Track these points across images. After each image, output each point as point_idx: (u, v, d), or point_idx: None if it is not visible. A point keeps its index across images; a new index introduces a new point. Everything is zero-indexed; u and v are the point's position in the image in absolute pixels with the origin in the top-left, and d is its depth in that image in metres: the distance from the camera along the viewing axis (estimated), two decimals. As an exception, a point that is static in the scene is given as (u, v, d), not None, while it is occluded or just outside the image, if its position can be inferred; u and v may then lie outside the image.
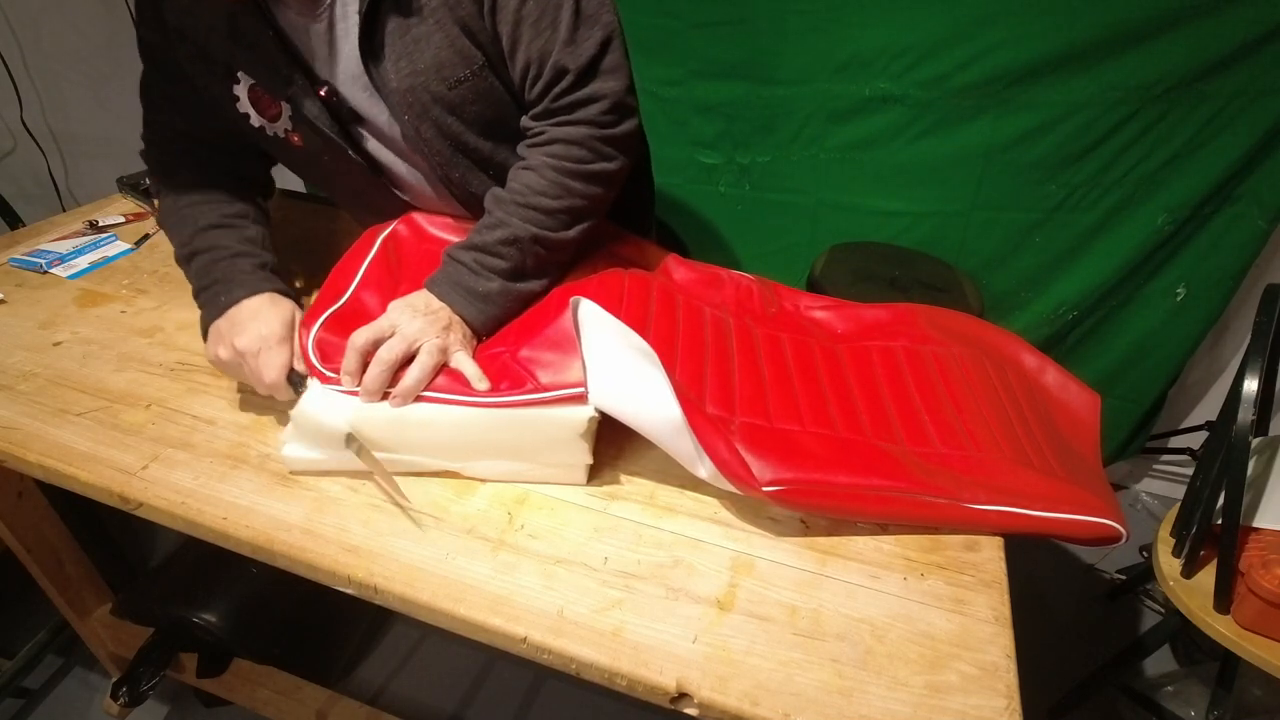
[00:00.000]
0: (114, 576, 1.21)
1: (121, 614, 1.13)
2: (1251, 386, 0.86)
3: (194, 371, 0.80)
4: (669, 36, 1.37)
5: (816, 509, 0.64)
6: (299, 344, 0.71)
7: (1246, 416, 0.85)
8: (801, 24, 1.28)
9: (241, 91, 0.76)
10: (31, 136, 2.03)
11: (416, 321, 0.68)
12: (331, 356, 0.68)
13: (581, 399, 0.63)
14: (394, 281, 0.80)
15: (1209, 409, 1.55)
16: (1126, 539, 0.66)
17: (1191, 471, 1.21)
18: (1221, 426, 0.94)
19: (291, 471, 0.68)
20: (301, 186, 1.49)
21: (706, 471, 0.63)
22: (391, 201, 0.86)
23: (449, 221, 0.87)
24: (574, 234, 0.77)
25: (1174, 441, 1.59)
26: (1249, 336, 0.89)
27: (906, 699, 0.52)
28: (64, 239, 1.04)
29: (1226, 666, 1.04)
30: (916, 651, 0.55)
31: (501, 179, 0.78)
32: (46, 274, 0.96)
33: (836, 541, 0.64)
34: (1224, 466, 0.88)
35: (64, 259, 0.99)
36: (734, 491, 0.64)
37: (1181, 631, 1.28)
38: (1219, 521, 0.92)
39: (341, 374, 0.66)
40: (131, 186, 1.17)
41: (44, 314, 0.88)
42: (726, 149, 1.47)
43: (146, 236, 1.07)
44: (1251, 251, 1.29)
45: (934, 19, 1.22)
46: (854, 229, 1.45)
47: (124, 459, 0.68)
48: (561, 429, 0.64)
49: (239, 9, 0.69)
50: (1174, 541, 1.02)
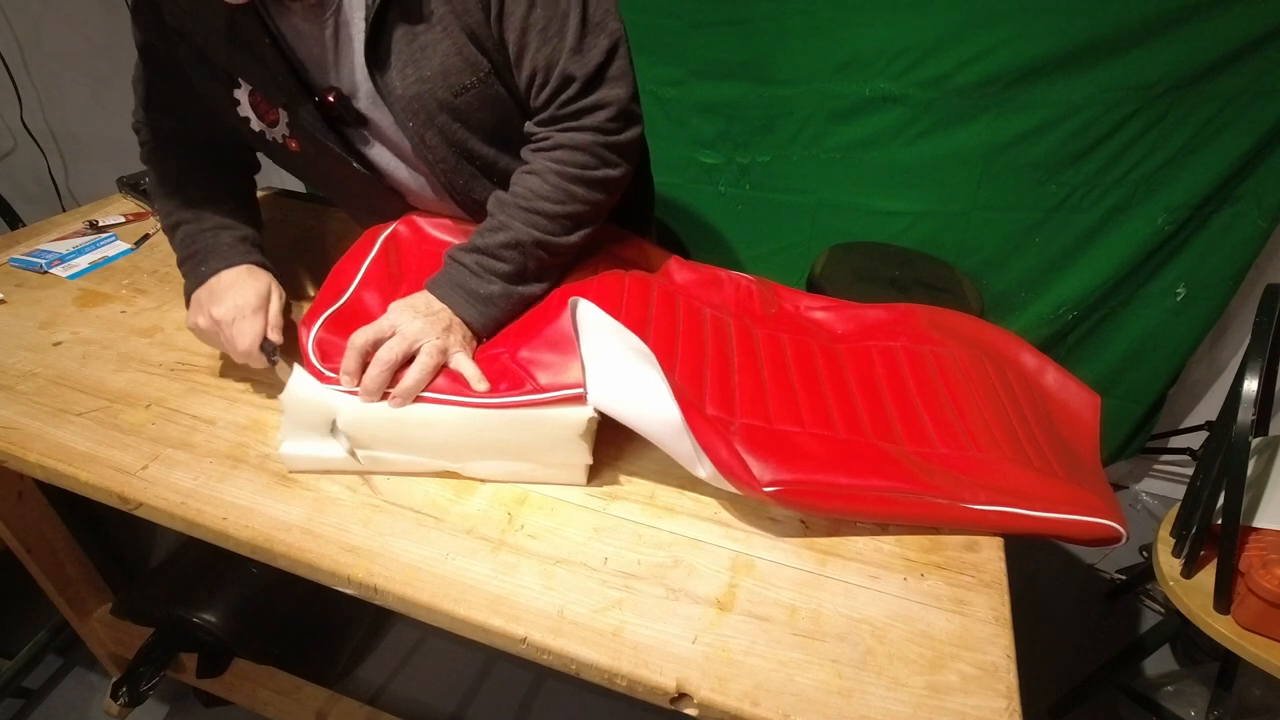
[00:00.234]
0: (114, 576, 1.21)
1: (121, 614, 1.13)
2: (1251, 386, 0.86)
3: (194, 371, 0.80)
4: (669, 36, 1.37)
5: (816, 509, 0.64)
6: (299, 344, 0.71)
7: (1246, 416, 0.85)
8: (801, 24, 1.29)
9: (242, 96, 0.76)
10: (31, 136, 2.03)
11: (417, 322, 0.68)
12: (331, 356, 0.68)
13: (581, 400, 0.63)
14: (394, 282, 0.80)
15: (1209, 409, 1.55)
16: (1126, 539, 0.66)
17: (1191, 471, 1.21)
18: (1221, 426, 0.94)
19: (291, 471, 0.68)
20: (302, 186, 1.49)
21: (706, 472, 0.63)
22: (392, 204, 0.86)
23: (449, 223, 0.87)
24: (576, 239, 0.77)
25: (1174, 441, 1.59)
26: (1249, 336, 0.89)
27: (906, 699, 0.52)
28: (64, 239, 1.04)
29: (1226, 666, 1.04)
30: (916, 652, 0.55)
31: (505, 186, 0.78)
32: (46, 274, 0.96)
33: (836, 542, 0.64)
34: (1224, 466, 0.88)
35: (64, 259, 0.99)
36: (734, 492, 0.64)
37: (1181, 631, 1.28)
38: (1219, 521, 0.92)
39: (341, 374, 0.66)
40: (131, 186, 1.17)
41: (44, 314, 0.88)
42: (726, 149, 1.47)
43: (146, 236, 1.07)
44: (1251, 251, 1.29)
45: (934, 19, 1.22)
46: (854, 229, 1.45)
47: (124, 459, 0.68)
48: (561, 429, 0.64)
49: (238, 13, 0.69)
50: (1174, 541, 1.02)
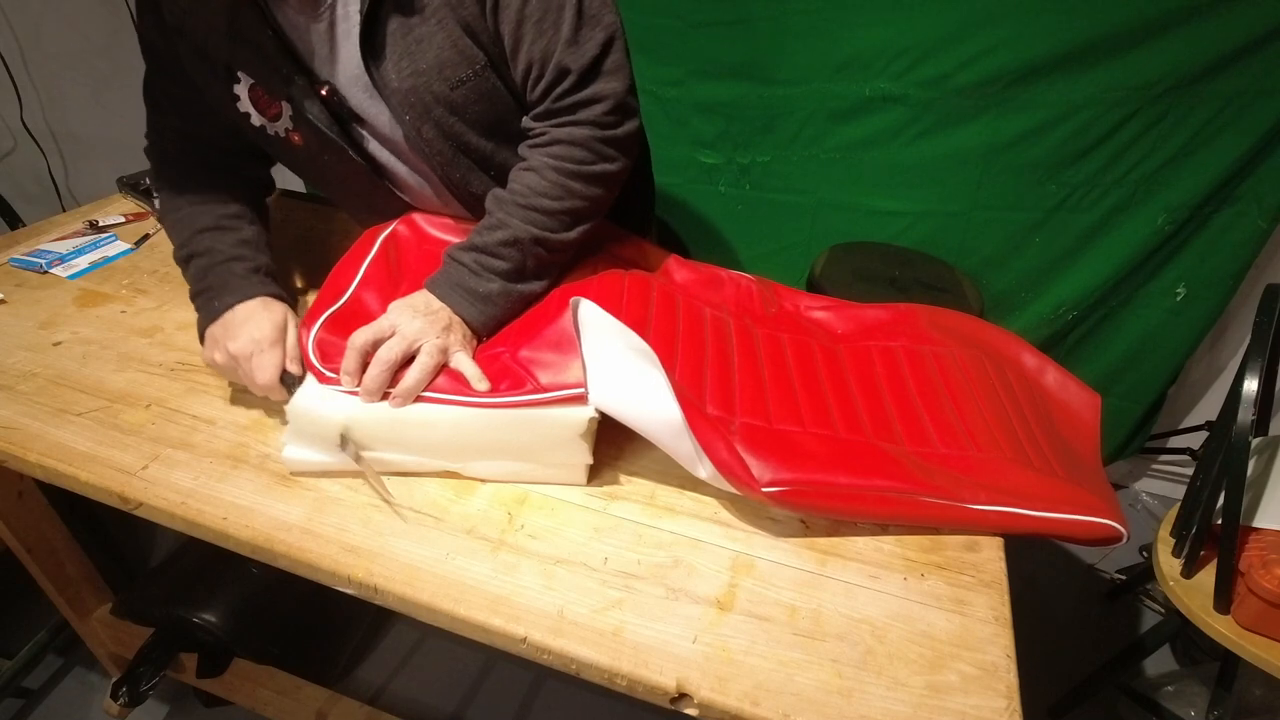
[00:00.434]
0: (114, 576, 1.21)
1: (121, 614, 1.13)
2: (1251, 386, 0.86)
3: (194, 371, 0.80)
4: (669, 36, 1.37)
5: (816, 510, 0.64)
6: (299, 344, 0.71)
7: (1246, 416, 0.85)
8: (801, 24, 1.29)
9: (242, 91, 0.76)
10: (31, 136, 2.03)
11: (417, 322, 0.68)
12: (331, 357, 0.68)
13: (581, 399, 0.63)
14: (394, 282, 0.80)
15: (1209, 409, 1.55)
16: (1126, 539, 0.66)
17: (1191, 471, 1.21)
18: (1221, 426, 0.94)
19: (292, 473, 0.68)
20: (302, 186, 1.49)
21: (706, 472, 0.63)
22: (392, 202, 0.86)
23: (449, 222, 0.87)
24: (575, 235, 0.77)
25: (1174, 441, 1.59)
26: (1249, 336, 0.89)
27: (906, 699, 0.52)
28: (64, 239, 1.04)
29: (1226, 666, 1.04)
30: (916, 651, 0.55)
31: (502, 179, 0.78)
32: (46, 274, 0.96)
33: (836, 542, 0.64)
34: (1224, 466, 0.88)
35: (64, 259, 0.99)
36: (734, 492, 0.64)
37: (1181, 631, 1.28)
38: (1219, 521, 0.92)
39: (341, 374, 0.66)
40: (131, 186, 1.17)
41: (44, 314, 0.88)
42: (726, 149, 1.47)
43: (146, 236, 1.07)
44: (1251, 251, 1.29)
45: (934, 19, 1.22)
46: (854, 229, 1.45)
47: (124, 459, 0.68)
48: (561, 429, 0.64)
49: (238, 8, 0.69)
50: (1174, 541, 1.02)
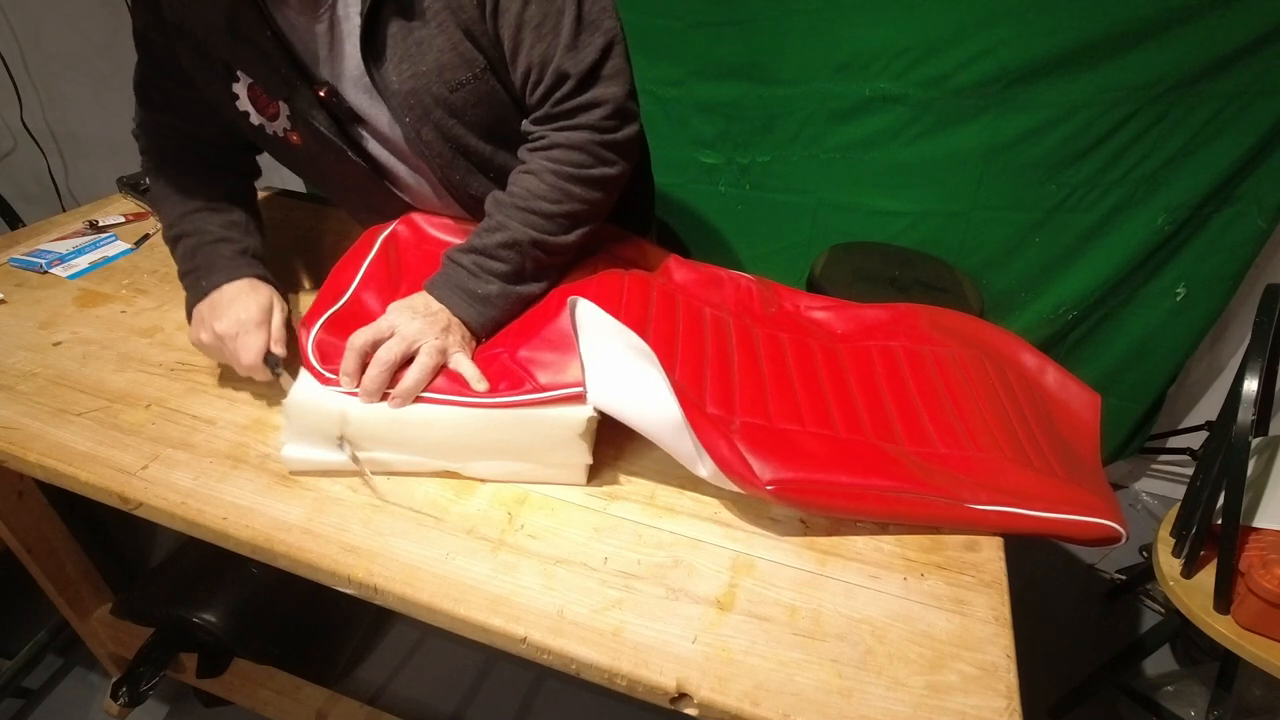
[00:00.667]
0: (114, 576, 1.21)
1: (121, 614, 1.13)
2: (1251, 386, 0.86)
3: (194, 371, 0.80)
4: (669, 36, 1.37)
5: (817, 508, 0.64)
6: (298, 345, 0.71)
7: (1246, 416, 0.85)
8: (801, 24, 1.28)
9: (241, 90, 0.76)
10: (31, 136, 2.03)
11: (416, 322, 0.68)
12: (331, 358, 0.68)
13: (580, 399, 0.63)
14: (394, 282, 0.80)
15: (1209, 409, 1.55)
16: (1126, 539, 0.66)
17: (1191, 471, 1.21)
18: (1221, 426, 0.94)
19: (291, 472, 0.68)
20: (302, 186, 1.49)
21: (707, 470, 0.63)
22: (391, 201, 0.86)
23: (449, 222, 0.87)
24: (573, 238, 0.77)
25: (1174, 441, 1.59)
26: (1249, 336, 0.89)
27: (906, 699, 0.52)
28: (64, 239, 1.04)
29: (1226, 666, 1.04)
30: (916, 651, 0.55)
31: (502, 182, 0.78)
32: (46, 274, 0.96)
33: (836, 541, 0.64)
34: (1224, 466, 0.88)
35: (64, 259, 0.99)
36: (735, 490, 0.64)
37: (1181, 631, 1.28)
38: (1219, 521, 0.92)
39: (340, 375, 0.66)
40: (131, 186, 1.17)
41: (44, 314, 0.88)
42: (726, 149, 1.47)
43: (146, 236, 1.07)
44: (1251, 251, 1.29)
45: (934, 19, 1.22)
46: (854, 229, 1.45)
47: (124, 459, 0.68)
48: (561, 429, 0.64)
49: (237, 7, 0.69)
50: (1174, 541, 1.02)
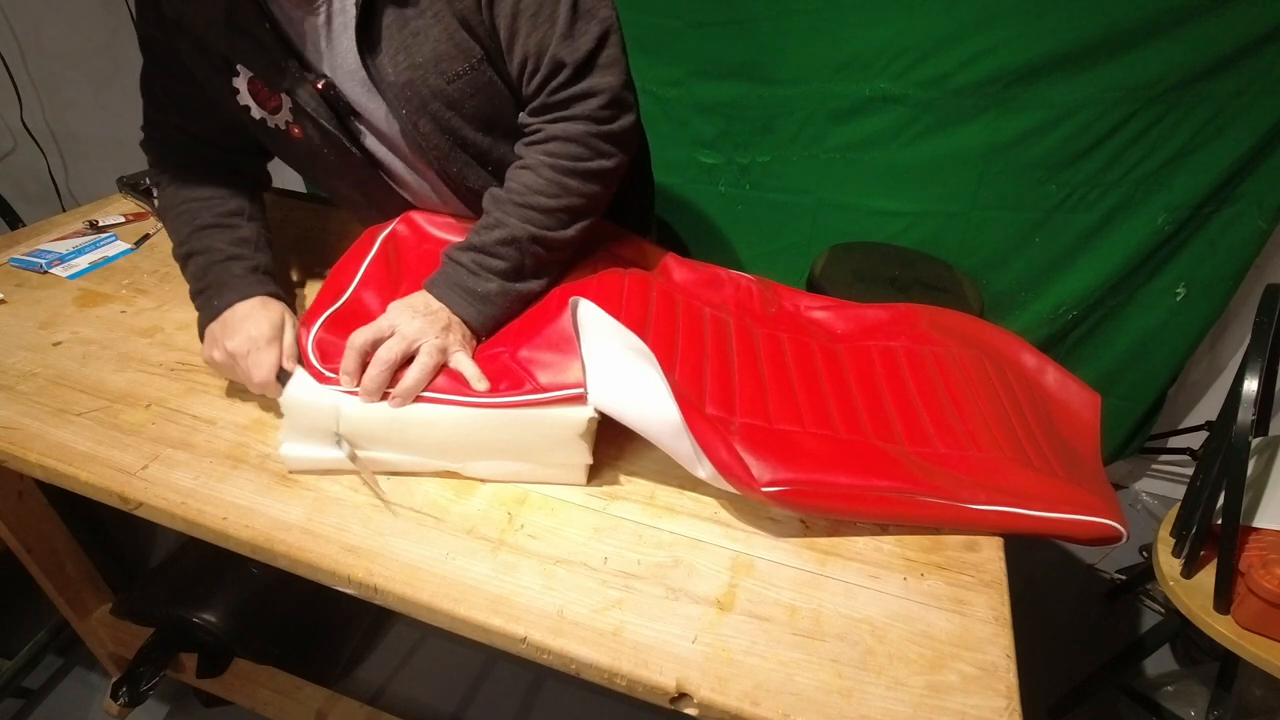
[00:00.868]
0: (114, 576, 1.21)
1: (121, 614, 1.13)
2: (1251, 386, 0.86)
3: (194, 371, 0.80)
4: (669, 36, 1.37)
5: (816, 510, 0.64)
6: (298, 344, 0.71)
7: (1246, 416, 0.85)
8: (801, 24, 1.28)
9: (241, 84, 0.76)
10: (31, 136, 2.03)
11: (416, 322, 0.68)
12: (331, 357, 0.68)
13: (581, 399, 0.63)
14: (394, 281, 0.80)
15: (1209, 409, 1.55)
16: (1126, 539, 0.66)
17: (1191, 471, 1.21)
18: (1221, 426, 0.94)
19: (291, 471, 0.68)
20: (302, 186, 1.49)
21: (706, 472, 0.63)
22: (391, 197, 0.86)
23: (449, 221, 0.87)
24: (572, 233, 0.77)
25: (1174, 441, 1.59)
26: (1249, 336, 0.89)
27: (906, 699, 0.52)
28: (64, 239, 1.04)
29: (1226, 666, 1.04)
30: (916, 651, 0.55)
31: (500, 174, 0.78)
32: (46, 274, 0.96)
33: (836, 541, 0.64)
34: (1224, 466, 0.88)
35: (64, 259, 0.98)
36: (734, 492, 0.64)
37: (1181, 631, 1.28)
38: (1219, 521, 0.92)
39: (340, 374, 0.66)
40: (131, 186, 1.17)
41: (44, 314, 0.88)
42: (726, 149, 1.47)
43: (146, 236, 1.07)
44: (1251, 251, 1.29)
45: (934, 19, 1.22)
46: (854, 229, 1.45)
47: (124, 459, 0.68)
48: (561, 429, 0.64)
49: (235, 1, 0.69)
50: (1174, 541, 1.02)
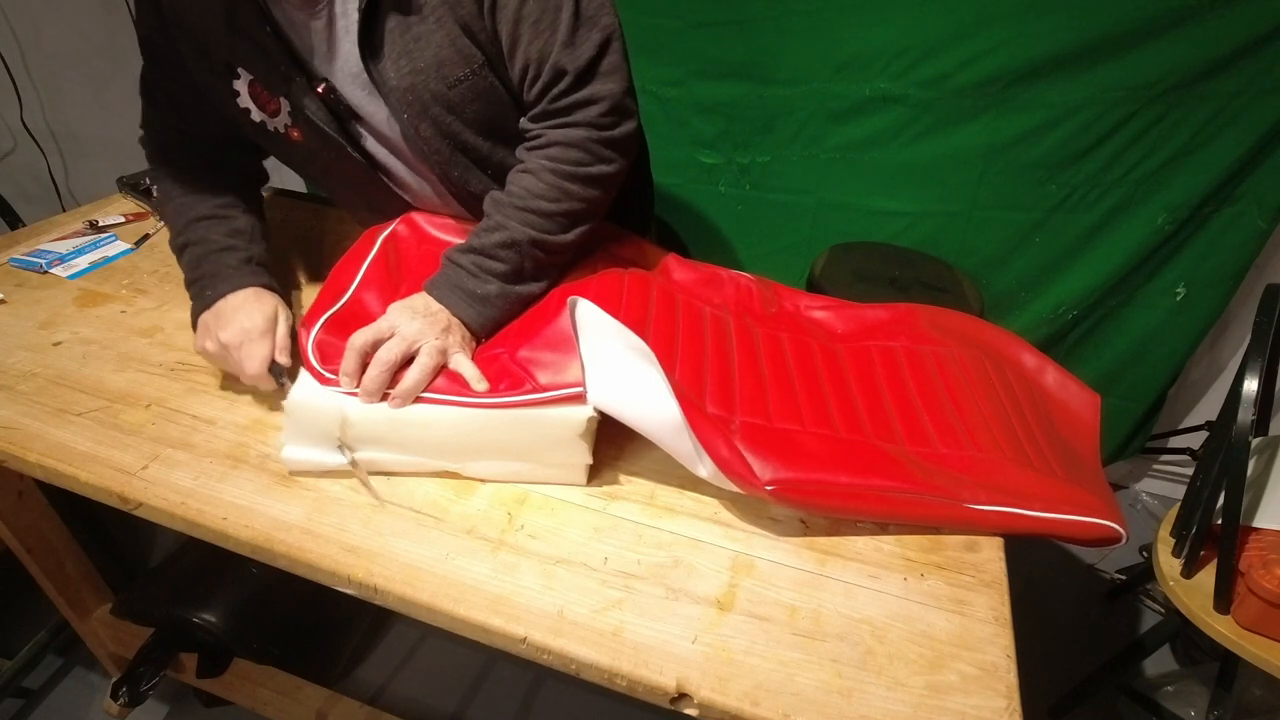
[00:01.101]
0: (114, 576, 1.21)
1: (121, 614, 1.13)
2: (1251, 386, 0.86)
3: (194, 371, 0.80)
4: (669, 36, 1.37)
5: (817, 508, 0.64)
6: (298, 346, 0.71)
7: (1246, 416, 0.85)
8: (801, 24, 1.28)
9: (241, 87, 0.76)
10: (31, 136, 2.03)
11: (416, 323, 0.68)
12: (331, 358, 0.68)
13: (580, 399, 0.63)
14: (394, 283, 0.80)
15: (1209, 409, 1.55)
16: (1126, 539, 0.66)
17: (1191, 471, 1.21)
18: (1221, 426, 0.94)
19: (292, 472, 0.68)
20: (302, 186, 1.49)
21: (707, 471, 0.63)
22: (391, 199, 0.86)
23: (449, 222, 0.87)
24: (572, 237, 0.77)
25: (1174, 441, 1.59)
26: (1249, 336, 0.89)
27: (906, 699, 0.52)
28: (64, 239, 1.04)
29: (1226, 666, 1.05)
30: (916, 651, 0.55)
31: (500, 178, 0.78)
32: (46, 274, 0.96)
33: (836, 541, 0.64)
34: (1224, 466, 0.88)
35: (64, 259, 0.98)
36: (735, 490, 0.64)
37: (1181, 631, 1.28)
38: (1219, 521, 0.92)
39: (340, 375, 0.66)
40: (131, 186, 1.17)
41: (44, 314, 0.88)
42: (726, 149, 1.47)
43: (146, 236, 1.07)
44: (1251, 251, 1.29)
45: (934, 19, 1.22)
46: (854, 229, 1.45)
47: (124, 459, 0.68)
48: (561, 429, 0.64)
49: (235, 3, 0.69)
50: (1174, 541, 1.02)
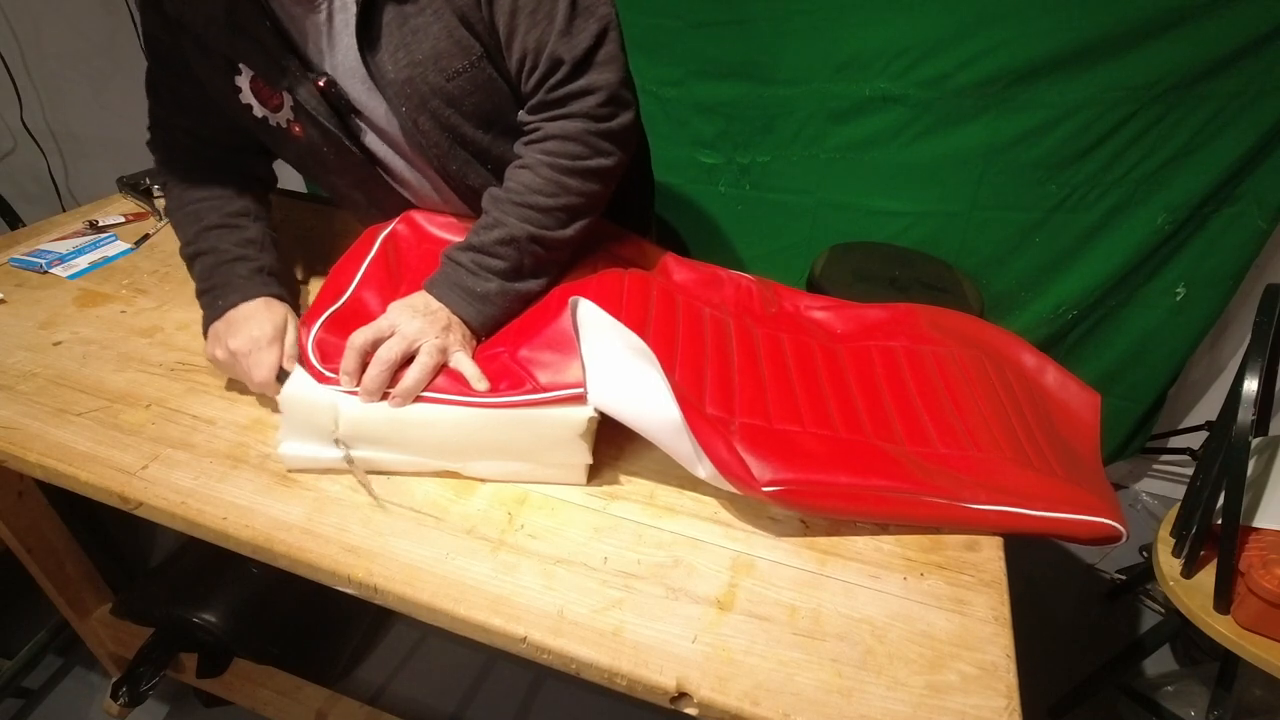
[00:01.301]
0: (114, 576, 1.21)
1: (121, 614, 1.13)
2: (1251, 386, 0.86)
3: (194, 371, 0.80)
4: (669, 36, 1.37)
5: (816, 509, 0.64)
6: (298, 344, 0.71)
7: (1246, 416, 0.85)
8: (801, 24, 1.29)
9: (243, 83, 0.76)
10: (31, 136, 2.03)
11: (416, 322, 0.68)
12: (331, 357, 0.68)
13: (580, 399, 0.63)
14: (394, 281, 0.80)
15: (1209, 409, 1.55)
16: (1126, 539, 0.66)
17: (1191, 471, 1.21)
18: (1221, 426, 0.94)
19: (289, 470, 0.68)
20: (302, 186, 1.49)
21: (706, 472, 0.63)
22: (391, 196, 0.86)
23: (449, 220, 0.87)
24: (571, 232, 0.77)
25: (1174, 441, 1.59)
26: (1249, 336, 0.89)
27: (906, 699, 0.52)
28: (64, 239, 1.04)
29: (1226, 666, 1.04)
30: (916, 651, 0.55)
31: (499, 172, 0.78)
32: (46, 274, 0.96)
33: (836, 541, 0.64)
34: (1224, 466, 0.88)
35: (64, 259, 0.98)
36: (734, 491, 0.64)
37: (1181, 631, 1.28)
38: (1219, 521, 0.92)
39: (341, 374, 0.66)
40: (131, 186, 1.17)
41: (44, 314, 0.88)
42: (726, 149, 1.47)
43: (146, 236, 1.07)
44: (1251, 251, 1.29)
45: (934, 19, 1.22)
46: (854, 229, 1.45)
47: (124, 459, 0.68)
48: (561, 429, 0.64)
49: (236, 0, 0.69)
50: (1174, 541, 1.02)
